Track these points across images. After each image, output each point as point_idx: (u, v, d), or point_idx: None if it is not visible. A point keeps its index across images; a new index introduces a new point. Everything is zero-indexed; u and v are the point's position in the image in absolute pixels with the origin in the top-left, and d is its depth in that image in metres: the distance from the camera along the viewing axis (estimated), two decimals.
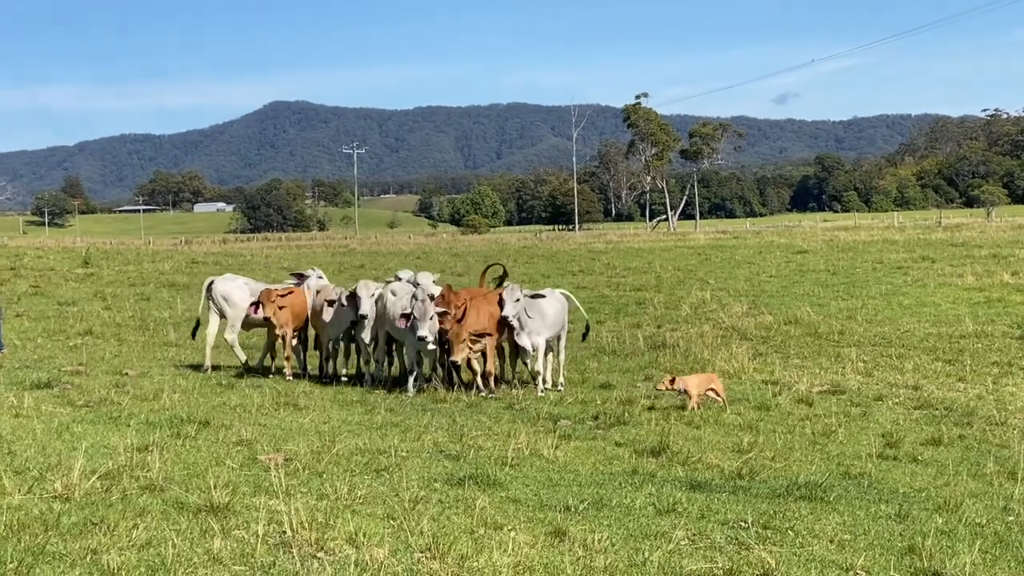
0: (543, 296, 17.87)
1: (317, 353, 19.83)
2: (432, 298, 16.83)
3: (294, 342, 19.29)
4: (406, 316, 16.98)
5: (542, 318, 17.56)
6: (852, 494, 10.38)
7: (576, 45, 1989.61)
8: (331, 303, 18.34)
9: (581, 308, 20.53)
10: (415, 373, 17.36)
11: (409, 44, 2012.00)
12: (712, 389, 15.64)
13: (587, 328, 20.51)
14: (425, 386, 17.34)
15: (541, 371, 17.69)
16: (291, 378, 18.42)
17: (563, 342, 18.61)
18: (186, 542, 7.77)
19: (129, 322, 27.76)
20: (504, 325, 17.23)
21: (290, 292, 18.97)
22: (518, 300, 17.22)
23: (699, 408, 15.19)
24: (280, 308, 18.47)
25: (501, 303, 17.18)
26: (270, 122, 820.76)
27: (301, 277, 20.16)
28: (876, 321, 26.57)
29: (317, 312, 18.94)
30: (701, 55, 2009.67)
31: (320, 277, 20.07)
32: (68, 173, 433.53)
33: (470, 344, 16.63)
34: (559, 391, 17.45)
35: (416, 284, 17.03)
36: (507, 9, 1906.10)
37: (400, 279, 18.02)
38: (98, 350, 22.03)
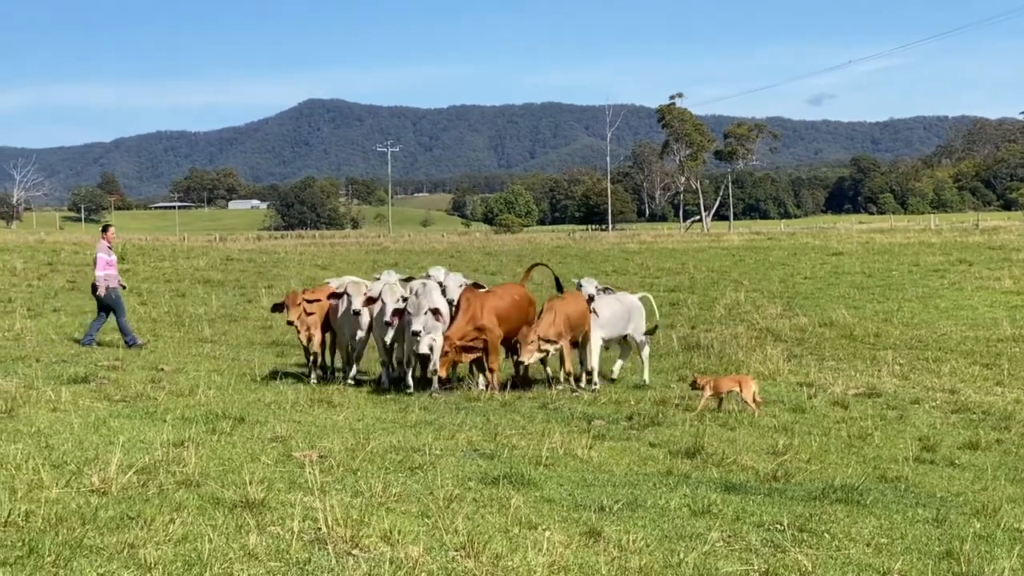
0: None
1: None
2: (452, 302, 16.80)
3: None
4: (398, 312, 16.87)
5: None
6: (888, 498, 10.32)
7: (611, 45, 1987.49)
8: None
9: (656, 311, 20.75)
10: (408, 372, 17.30)
11: (444, 43, 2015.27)
12: (738, 386, 15.59)
13: (655, 328, 20.57)
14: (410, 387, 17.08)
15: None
16: (314, 382, 17.92)
17: (636, 344, 18.88)
18: (222, 537, 7.79)
19: (164, 318, 27.93)
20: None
21: (317, 299, 18.64)
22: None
23: (713, 406, 15.42)
24: (308, 314, 18.25)
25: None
26: (305, 120, 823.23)
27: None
28: (912, 324, 26.44)
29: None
30: (736, 55, 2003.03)
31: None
32: (105, 169, 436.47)
33: (540, 348, 16.65)
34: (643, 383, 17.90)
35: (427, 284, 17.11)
36: (542, 8, 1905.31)
37: (430, 276, 17.96)
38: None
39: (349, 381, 17.90)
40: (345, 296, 17.76)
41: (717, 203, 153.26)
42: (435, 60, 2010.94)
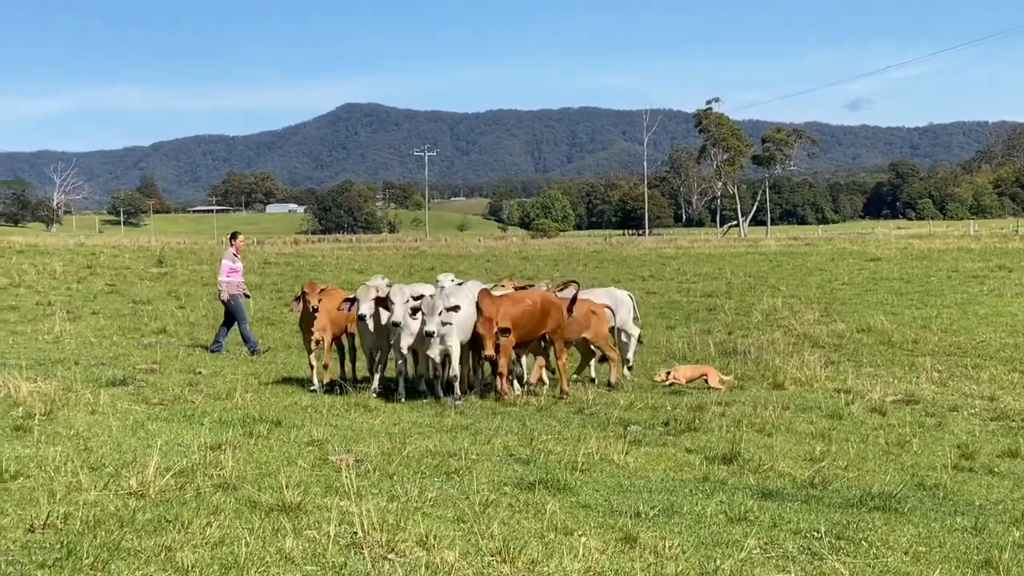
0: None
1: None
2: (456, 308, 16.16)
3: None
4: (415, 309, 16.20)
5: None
6: (927, 506, 10.24)
7: (649, 50, 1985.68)
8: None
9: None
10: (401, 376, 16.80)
11: (480, 47, 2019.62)
12: (704, 376, 17.50)
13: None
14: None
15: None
16: (315, 389, 17.23)
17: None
18: (258, 541, 7.81)
19: (202, 321, 28.06)
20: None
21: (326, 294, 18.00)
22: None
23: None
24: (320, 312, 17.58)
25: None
26: (342, 124, 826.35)
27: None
28: (951, 330, 26.26)
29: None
30: (774, 60, 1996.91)
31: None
32: (144, 173, 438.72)
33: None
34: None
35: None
36: (579, 13, 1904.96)
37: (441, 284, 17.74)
38: (172, 348, 22.28)
39: (372, 391, 16.96)
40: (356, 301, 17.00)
41: (754, 208, 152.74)
42: (472, 65, 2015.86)
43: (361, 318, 16.76)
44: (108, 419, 12.86)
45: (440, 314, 15.75)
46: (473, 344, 16.79)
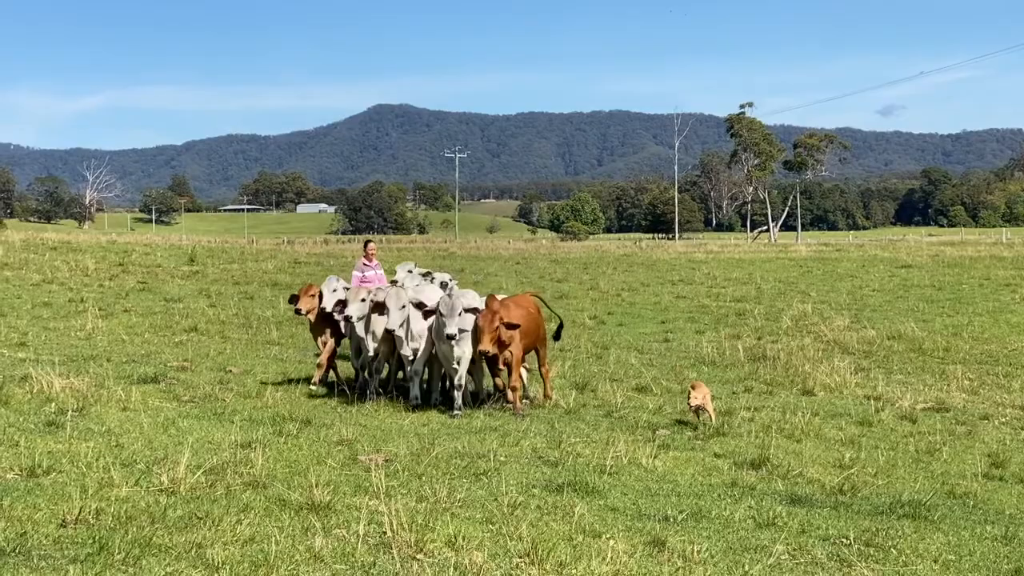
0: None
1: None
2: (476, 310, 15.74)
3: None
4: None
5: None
6: (957, 514, 10.19)
7: (680, 54, 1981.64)
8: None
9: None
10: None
11: (512, 50, 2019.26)
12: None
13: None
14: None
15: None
16: (315, 387, 17.14)
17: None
18: (288, 539, 7.86)
19: (233, 320, 28.16)
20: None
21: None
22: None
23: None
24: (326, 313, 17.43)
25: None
26: (373, 125, 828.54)
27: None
28: (983, 339, 26.11)
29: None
30: (806, 66, 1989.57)
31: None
32: (175, 172, 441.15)
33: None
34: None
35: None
36: (611, 16, 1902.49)
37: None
38: (203, 347, 22.39)
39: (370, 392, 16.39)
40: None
41: (785, 214, 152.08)
42: (504, 67, 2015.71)
43: (347, 320, 16.26)
44: (139, 416, 12.96)
45: (460, 314, 15.07)
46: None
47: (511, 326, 15.37)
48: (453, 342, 15.06)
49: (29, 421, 12.11)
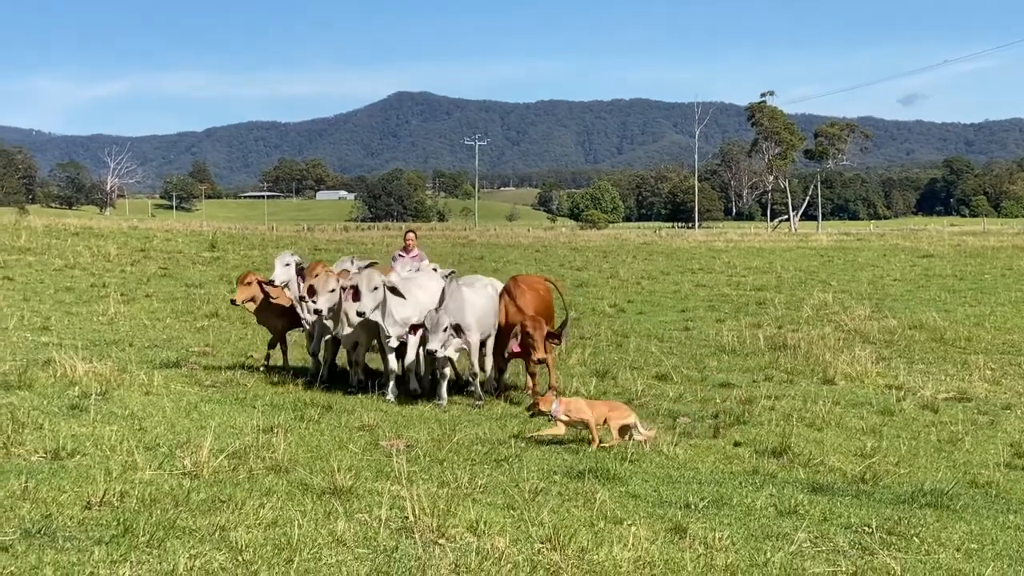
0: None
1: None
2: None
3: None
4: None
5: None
6: (979, 503, 10.17)
7: (701, 42, 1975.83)
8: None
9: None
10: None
11: (532, 38, 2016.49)
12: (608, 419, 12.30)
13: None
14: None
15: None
16: (263, 368, 16.74)
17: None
18: (311, 523, 7.89)
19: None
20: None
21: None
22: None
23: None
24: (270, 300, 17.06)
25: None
26: (393, 112, 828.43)
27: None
28: (1005, 329, 25.99)
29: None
30: (828, 54, 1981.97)
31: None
32: (196, 158, 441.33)
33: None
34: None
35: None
36: (632, 5, 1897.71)
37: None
38: (224, 332, 22.46)
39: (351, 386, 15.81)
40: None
41: (805, 203, 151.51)
42: (524, 54, 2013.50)
43: (317, 312, 15.45)
44: (162, 400, 13.02)
45: (446, 331, 14.40)
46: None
47: (552, 336, 15.09)
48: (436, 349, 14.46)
49: (53, 404, 12.18)
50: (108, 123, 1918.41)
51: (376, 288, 14.82)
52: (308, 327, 16.57)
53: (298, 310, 16.52)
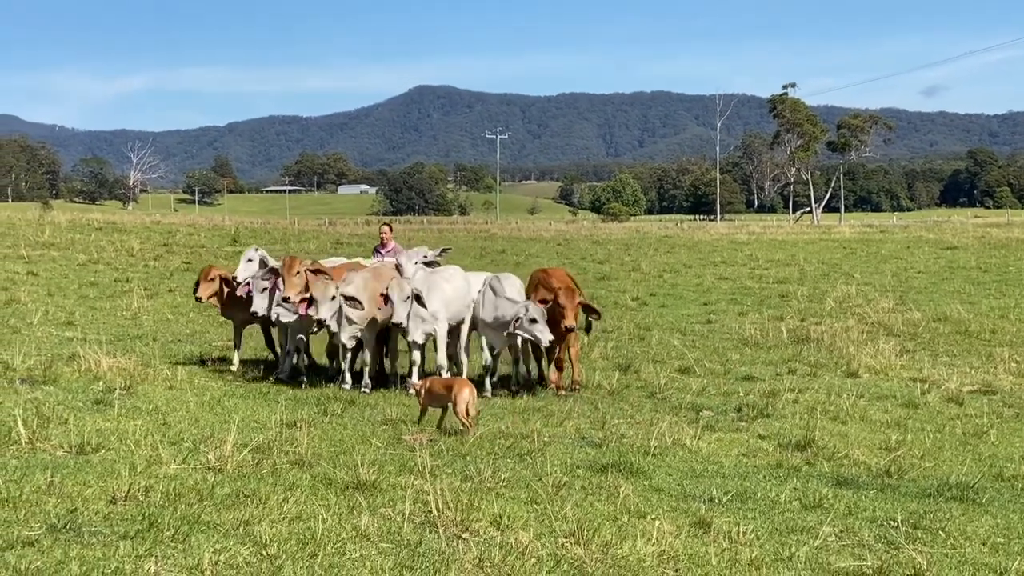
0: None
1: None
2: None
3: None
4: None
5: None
6: (1005, 497, 10.10)
7: (722, 34, 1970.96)
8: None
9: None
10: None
11: (553, 31, 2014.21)
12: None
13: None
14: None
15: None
16: (235, 367, 16.50)
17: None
18: (335, 517, 7.91)
19: None
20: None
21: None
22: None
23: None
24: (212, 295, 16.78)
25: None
26: (414, 106, 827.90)
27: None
28: None
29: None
30: (850, 46, 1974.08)
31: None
32: (218, 153, 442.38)
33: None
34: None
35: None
36: None
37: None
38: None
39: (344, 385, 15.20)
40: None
41: (827, 195, 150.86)
42: (545, 48, 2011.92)
43: (320, 323, 14.90)
44: (186, 394, 13.08)
45: (408, 300, 14.47)
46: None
47: (588, 308, 15.25)
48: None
49: (78, 399, 12.25)
50: (131, 118, 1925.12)
51: (408, 297, 14.52)
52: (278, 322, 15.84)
53: (256, 307, 15.73)
